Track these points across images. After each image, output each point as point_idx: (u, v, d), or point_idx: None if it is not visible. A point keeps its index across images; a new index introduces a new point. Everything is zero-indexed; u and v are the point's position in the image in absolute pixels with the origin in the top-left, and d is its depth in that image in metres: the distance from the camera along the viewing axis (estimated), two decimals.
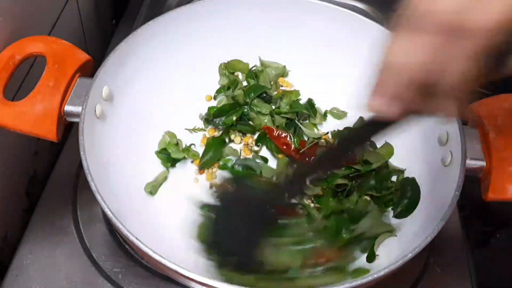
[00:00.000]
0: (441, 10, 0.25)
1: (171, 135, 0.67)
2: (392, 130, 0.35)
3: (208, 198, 0.58)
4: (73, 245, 0.62)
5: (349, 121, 0.70)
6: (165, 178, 0.65)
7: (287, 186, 0.55)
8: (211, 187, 0.65)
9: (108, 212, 0.49)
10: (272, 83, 0.73)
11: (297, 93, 0.73)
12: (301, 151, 0.65)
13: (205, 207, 0.55)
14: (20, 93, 0.60)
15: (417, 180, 0.61)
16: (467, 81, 0.26)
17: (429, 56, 0.26)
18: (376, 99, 0.31)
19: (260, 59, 0.74)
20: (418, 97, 0.28)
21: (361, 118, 0.59)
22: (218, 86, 0.73)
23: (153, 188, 0.63)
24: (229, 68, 0.73)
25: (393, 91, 0.29)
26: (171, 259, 0.47)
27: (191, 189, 0.64)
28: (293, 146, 0.66)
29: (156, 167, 0.66)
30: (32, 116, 0.54)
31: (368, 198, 0.61)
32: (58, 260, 0.60)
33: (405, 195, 0.60)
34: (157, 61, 0.68)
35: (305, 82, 0.74)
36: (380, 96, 0.30)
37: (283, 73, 0.74)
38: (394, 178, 0.64)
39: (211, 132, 0.69)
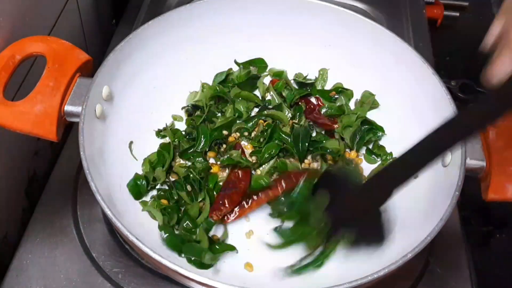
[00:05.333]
0: None
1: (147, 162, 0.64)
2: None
3: None
4: (73, 245, 0.62)
5: None
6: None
7: None
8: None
9: (108, 212, 0.49)
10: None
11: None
12: None
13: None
14: (20, 93, 0.60)
15: (417, 180, 0.61)
16: None
17: None
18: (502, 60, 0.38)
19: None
20: None
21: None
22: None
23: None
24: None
25: None
26: (171, 259, 0.47)
27: None
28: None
29: None
30: (32, 116, 0.54)
31: None
32: (58, 260, 0.60)
33: None
34: (157, 61, 0.68)
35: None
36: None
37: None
38: None
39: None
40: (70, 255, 0.61)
